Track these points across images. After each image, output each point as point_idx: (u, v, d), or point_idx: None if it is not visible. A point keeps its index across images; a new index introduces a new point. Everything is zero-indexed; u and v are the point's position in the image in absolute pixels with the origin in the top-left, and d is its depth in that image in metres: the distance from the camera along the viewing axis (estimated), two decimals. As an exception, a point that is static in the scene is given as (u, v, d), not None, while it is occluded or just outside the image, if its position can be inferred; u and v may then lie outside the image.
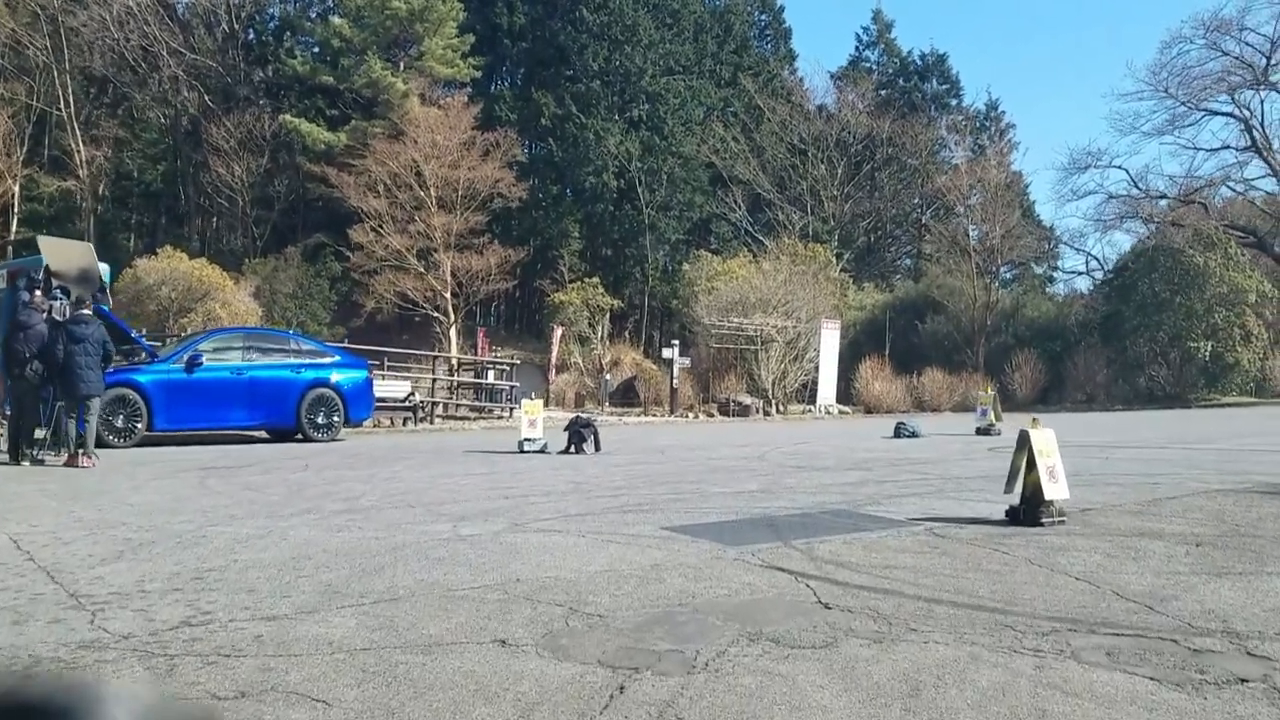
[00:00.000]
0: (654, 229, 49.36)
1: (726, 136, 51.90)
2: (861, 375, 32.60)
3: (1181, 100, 41.16)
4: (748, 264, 35.59)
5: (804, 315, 30.92)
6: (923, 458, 12.43)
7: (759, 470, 10.82)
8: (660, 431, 21.28)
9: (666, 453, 13.44)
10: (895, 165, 56.31)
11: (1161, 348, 34.85)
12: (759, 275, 32.22)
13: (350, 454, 13.01)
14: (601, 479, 9.92)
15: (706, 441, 16.53)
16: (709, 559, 5.65)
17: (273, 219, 52.62)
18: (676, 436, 18.58)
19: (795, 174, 52.07)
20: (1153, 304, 34.43)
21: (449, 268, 44.58)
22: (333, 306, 49.39)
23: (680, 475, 10.27)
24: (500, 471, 10.60)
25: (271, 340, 15.69)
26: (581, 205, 50.01)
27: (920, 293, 41.82)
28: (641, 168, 48.40)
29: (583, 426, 12.84)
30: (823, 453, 13.48)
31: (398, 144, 43.88)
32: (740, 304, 30.59)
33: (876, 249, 60.71)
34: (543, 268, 49.02)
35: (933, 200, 56.67)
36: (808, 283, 32.29)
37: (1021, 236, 42.34)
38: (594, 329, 42.99)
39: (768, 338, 30.12)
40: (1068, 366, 35.93)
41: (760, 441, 16.11)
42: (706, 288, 32.92)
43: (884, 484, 9.45)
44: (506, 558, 5.64)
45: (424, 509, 7.64)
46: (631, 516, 7.28)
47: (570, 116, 49.15)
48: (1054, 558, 5.77)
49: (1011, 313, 39.71)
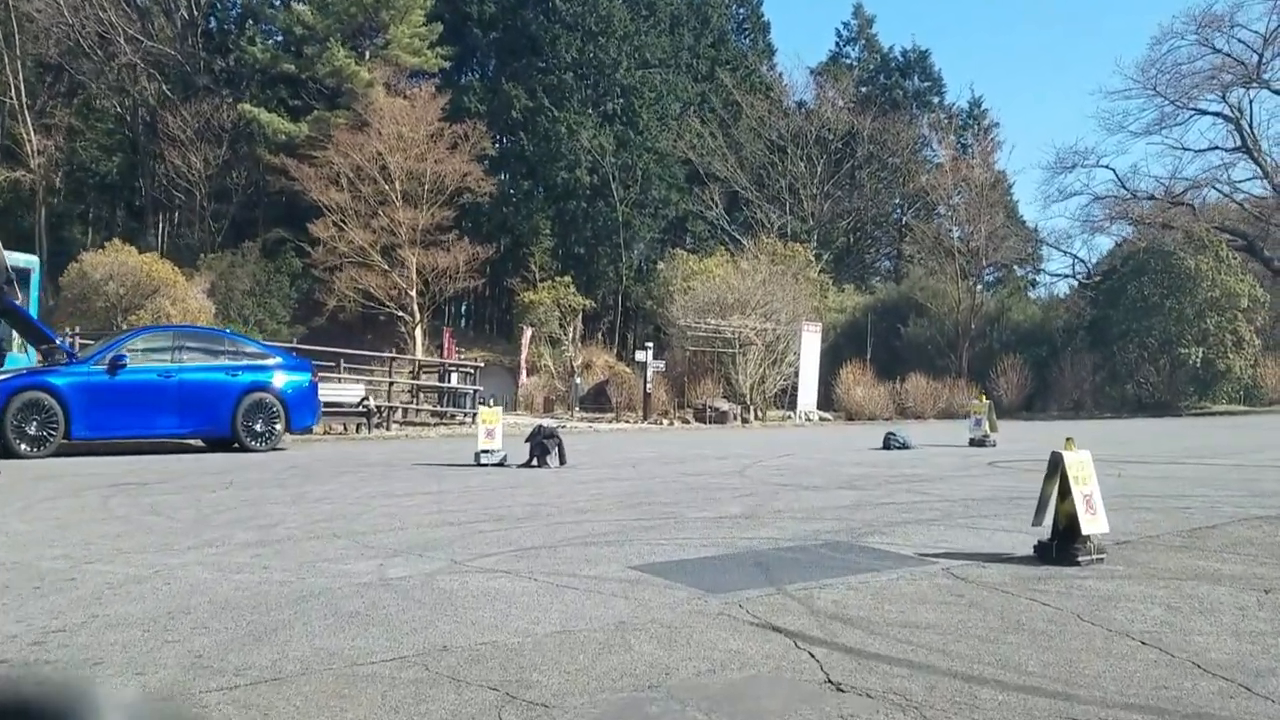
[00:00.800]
0: (628, 227, 48.37)
1: (703, 132, 51.00)
2: (842, 380, 31.76)
3: (1170, 99, 40.72)
4: (725, 263, 34.67)
5: (784, 317, 30.02)
6: (919, 474, 11.50)
7: (741, 489, 9.83)
8: (633, 440, 20.28)
9: (639, 467, 12.43)
10: (876, 164, 55.61)
11: (1151, 354, 34.24)
12: (737, 275, 31.29)
13: (287, 467, 11.90)
14: (564, 499, 8.90)
15: (682, 453, 15.54)
16: (687, 613, 4.65)
17: (231, 213, 51.27)
18: (650, 446, 17.58)
19: (774, 171, 51.24)
20: (1142, 308, 33.82)
21: (414, 265, 43.43)
22: (293, 304, 48.11)
23: (653, 495, 9.26)
24: (450, 490, 9.54)
25: (205, 340, 14.52)
26: (553, 201, 48.92)
27: (902, 295, 41.08)
28: (615, 163, 47.39)
29: (546, 437, 11.81)
30: (809, 467, 12.52)
31: (361, 135, 42.68)
32: (717, 305, 29.65)
33: (856, 250, 60.04)
34: (513, 266, 47.91)
35: (914, 200, 56.06)
36: (787, 283, 31.40)
37: (1006, 238, 41.71)
38: (565, 330, 41.98)
39: (746, 340, 29.22)
40: (1054, 372, 35.29)
41: (740, 453, 15.14)
42: (682, 287, 31.96)
43: (882, 506, 8.49)
44: (436, 613, 4.60)
45: (351, 540, 6.58)
46: (595, 550, 6.27)
47: (542, 109, 48.08)
48: (1107, 611, 4.81)
49: (996, 316, 39.03)
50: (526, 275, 45.95)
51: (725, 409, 27.27)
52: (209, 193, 50.33)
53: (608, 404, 29.47)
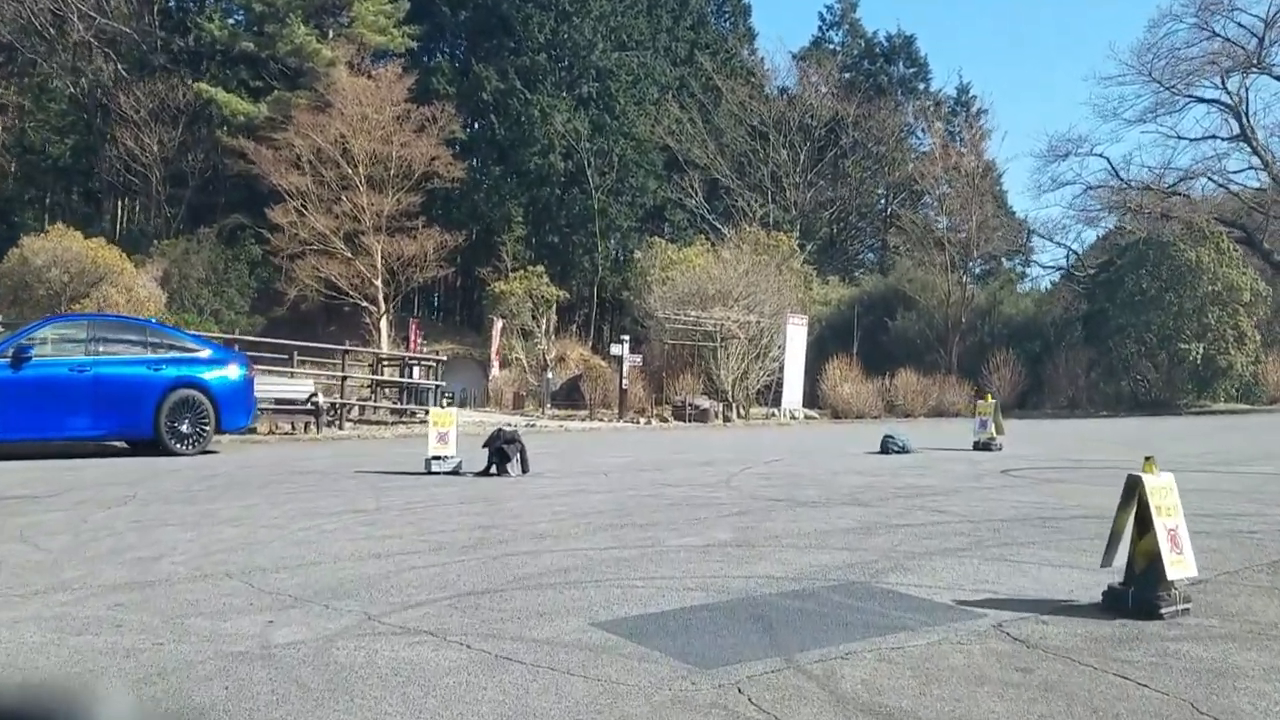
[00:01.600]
0: (604, 215, 47.10)
1: (682, 118, 49.77)
2: (828, 376, 30.64)
3: (1166, 85, 39.84)
4: (706, 253, 33.47)
5: (767, 309, 28.85)
6: (929, 485, 10.34)
7: (728, 505, 8.63)
8: (606, 442, 19.06)
9: (611, 475, 11.21)
10: (861, 152, 54.59)
11: (1149, 349, 33.34)
12: (718, 265, 30.10)
13: (207, 476, 10.59)
14: (522, 519, 7.66)
15: (660, 457, 14.33)
16: (668, 704, 3.44)
17: (187, 197, 49.69)
18: (625, 449, 16.36)
19: (755, 159, 50.14)
20: (1140, 302, 32.90)
21: (379, 253, 42.06)
22: (252, 294, 46.63)
23: (627, 513, 8.04)
24: (389, 507, 8.28)
25: (126, 330, 13.12)
26: (526, 188, 47.55)
27: (889, 287, 40.02)
28: (591, 149, 46.09)
29: (506, 442, 10.56)
30: (803, 476, 11.34)
31: (323, 116, 41.24)
32: (698, 296, 28.44)
33: (840, 241, 59.05)
34: (484, 255, 46.52)
35: (900, 189, 55.10)
36: (771, 274, 30.23)
37: (998, 229, 40.76)
38: (538, 322, 40.69)
39: (728, 334, 28.04)
40: (1047, 368, 34.35)
41: (724, 458, 13.95)
42: (660, 278, 30.72)
43: (896, 529, 7.31)
44: (322, 708, 3.36)
45: (244, 581, 5.31)
46: (552, 596, 5.04)
47: (514, 92, 46.69)
48: (1227, 697, 3.64)
49: (987, 310, 38.03)
50: (498, 265, 44.61)
51: (706, 406, 26.08)
52: (165, 177, 48.80)
53: (581, 401, 28.22)
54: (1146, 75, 39.90)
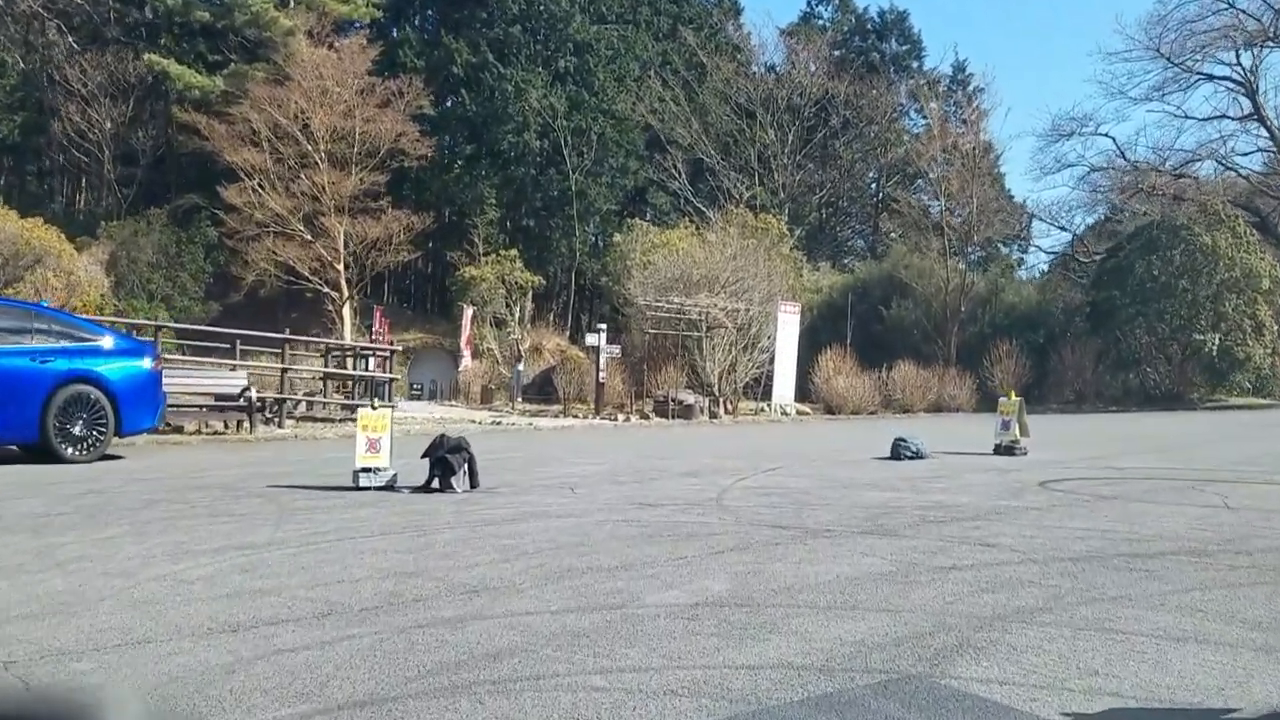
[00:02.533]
0: (582, 197, 45.36)
1: (665, 95, 48.10)
2: (821, 369, 29.10)
3: (1175, 60, 38.48)
4: (690, 236, 31.82)
5: (757, 297, 27.26)
6: (960, 505, 8.74)
7: (722, 535, 6.99)
8: (579, 443, 17.41)
9: (580, 490, 9.56)
10: (852, 133, 53.07)
11: (1161, 340, 31.94)
12: (703, 248, 28.49)
13: (83, 493, 8.87)
14: (453, 561, 6.00)
15: (638, 463, 12.70)
16: None
17: (139, 176, 47.71)
18: (599, 453, 14.73)
19: (741, 139, 48.51)
20: (1152, 289, 31.48)
21: (342, 235, 40.25)
22: (207, 279, 44.75)
23: (592, 548, 6.40)
24: (287, 540, 6.60)
25: (8, 315, 11.35)
26: (499, 168, 45.77)
27: (884, 273, 38.47)
28: (568, 126, 44.31)
29: (450, 451, 8.89)
30: (808, 490, 9.73)
31: (281, 90, 39.33)
32: (681, 281, 26.81)
33: (829, 226, 57.53)
34: (454, 239, 44.75)
35: (894, 172, 53.63)
36: (760, 258, 28.63)
37: (999, 211, 39.30)
38: (511, 310, 39.01)
39: (714, 322, 26.44)
40: (1052, 360, 32.91)
41: (713, 464, 12.34)
42: (641, 262, 29.06)
43: (943, 576, 5.68)
44: None
45: (15, 678, 3.64)
46: (464, 714, 3.39)
47: (486, 65, 44.84)
48: None
49: (987, 298, 36.54)
50: (469, 249, 42.86)
51: (691, 402, 24.47)
52: (116, 155, 46.92)
53: (555, 395, 26.57)
54: (1154, 50, 38.57)
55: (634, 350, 32.43)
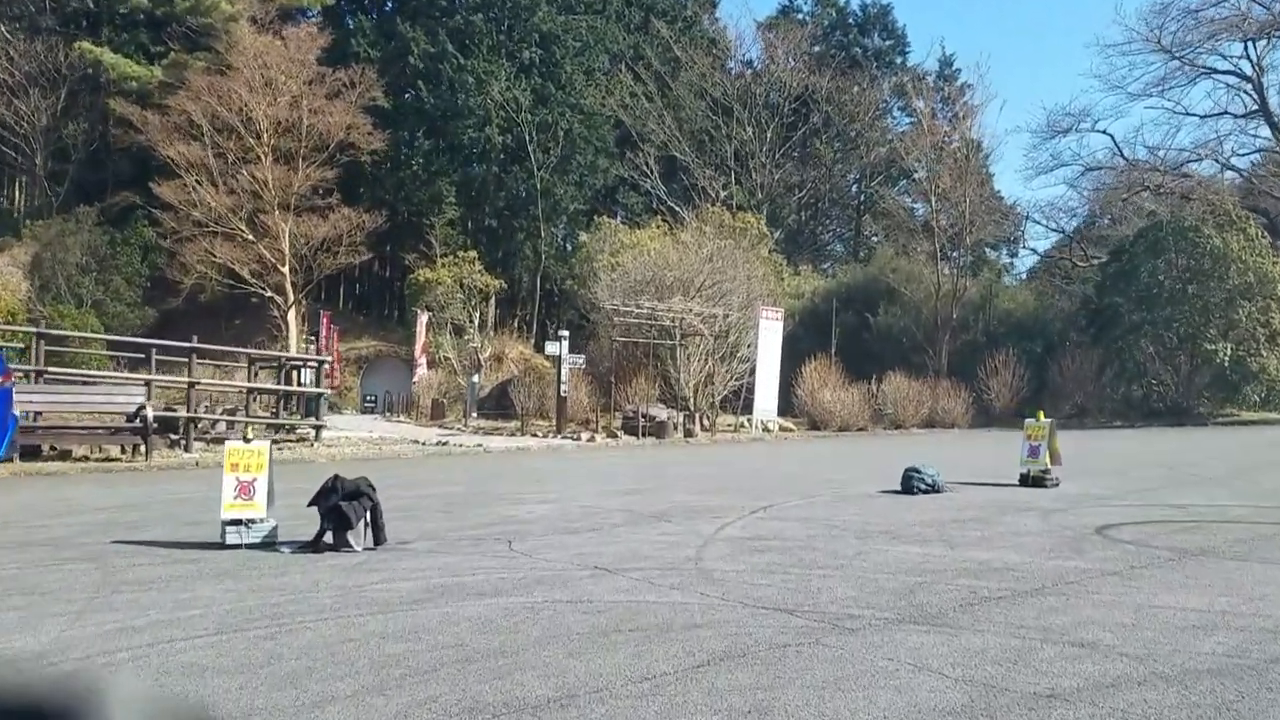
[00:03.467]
0: (548, 196, 43.37)
1: (637, 90, 46.28)
2: (805, 380, 27.26)
3: (1177, 54, 37.07)
4: (662, 235, 29.93)
5: (735, 301, 25.41)
6: (1010, 566, 6.85)
7: (704, 630, 5.03)
8: (532, 469, 15.42)
9: (519, 545, 7.57)
10: (833, 130, 51.40)
11: (1168, 349, 30.36)
12: (677, 248, 26.61)
13: None
14: (296, 692, 4.00)
15: (599, 500, 10.74)
16: None
17: (71, 173, 45.33)
18: (553, 485, 12.77)
19: (718, 136, 46.74)
20: (1159, 295, 29.90)
21: (287, 234, 38.10)
22: (144, 283, 42.44)
23: (516, 660, 4.42)
24: (69, 644, 4.58)
25: None
26: (459, 165, 43.75)
27: (870, 278, 36.72)
28: (533, 121, 42.34)
29: (347, 498, 6.90)
30: (811, 543, 7.80)
31: (223, 79, 37.18)
32: (653, 284, 24.91)
33: (809, 229, 55.85)
34: (410, 240, 42.65)
35: (877, 172, 52.06)
36: (739, 260, 26.78)
37: (993, 212, 37.72)
38: (470, 315, 36.95)
39: (689, 329, 24.54)
40: (1051, 371, 31.26)
41: (689, 503, 10.41)
42: (609, 263, 27.11)
43: (1043, 709, 3.75)
44: None
45: None
46: None
47: (446, 56, 42.79)
48: None
49: (981, 305, 34.87)
50: (426, 251, 40.80)
51: (664, 418, 22.53)
52: (47, 150, 44.53)
53: (513, 409, 24.55)
54: (1155, 43, 37.14)
55: (602, 360, 30.52)
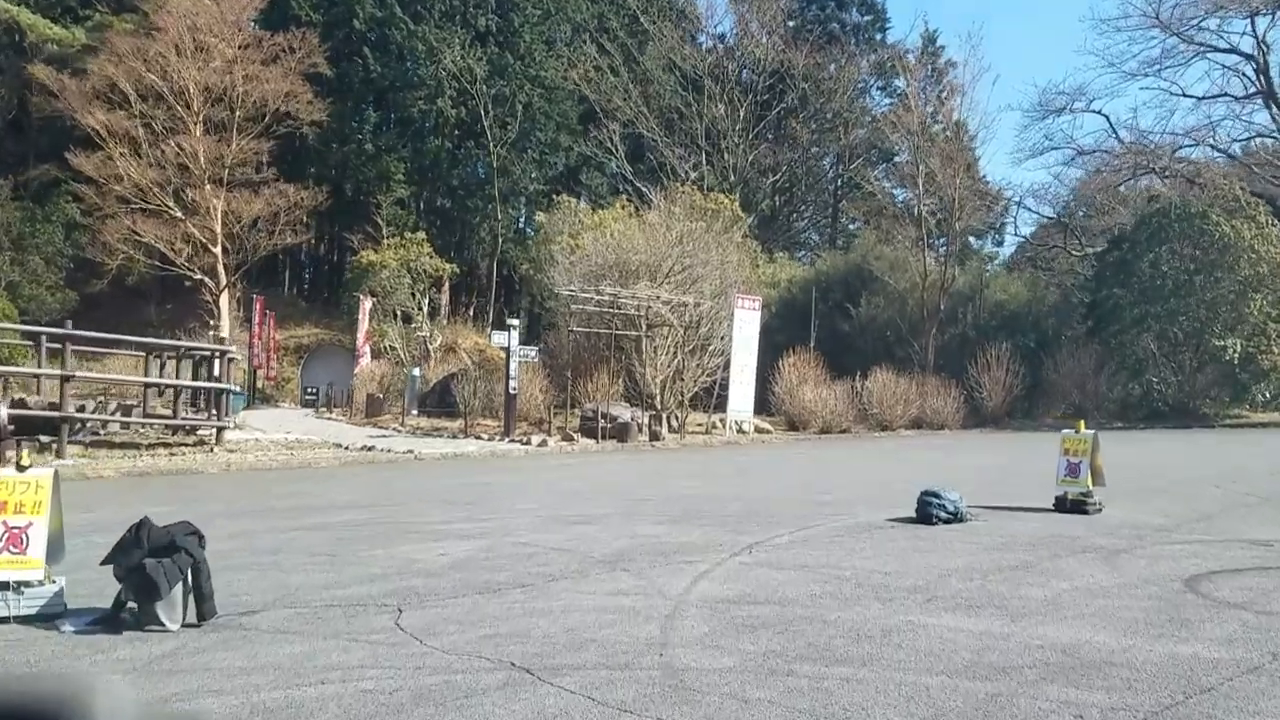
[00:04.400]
0: (505, 174, 41.25)
1: (602, 63, 44.19)
2: (784, 376, 25.37)
3: (1175, 29, 35.51)
4: (628, 216, 27.89)
5: (708, 289, 23.45)
6: (1100, 652, 4.93)
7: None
8: (465, 485, 13.38)
9: (409, 615, 5.53)
10: (810, 109, 49.55)
11: (1173, 345, 28.79)
12: (643, 230, 24.59)
13: None
14: None
15: (538, 533, 8.73)
16: None
17: (-15, 144, 42.75)
18: (484, 507, 10.75)
19: (688, 113, 44.77)
20: (1163, 287, 28.29)
21: (219, 212, 35.76)
22: (66, 263, 39.98)
23: None
24: None
25: None
26: (409, 139, 41.54)
27: (852, 266, 34.87)
28: (489, 93, 40.16)
29: (157, 552, 4.85)
30: (818, 609, 5.83)
31: (148, 41, 34.77)
32: (616, 269, 22.88)
33: (783, 215, 54.01)
34: (355, 219, 40.39)
35: (855, 155, 50.34)
36: (712, 244, 24.81)
37: (984, 195, 36.03)
38: (419, 302, 34.79)
39: (656, 319, 22.55)
40: (1047, 368, 29.60)
41: (652, 538, 8.43)
42: (569, 245, 25.05)
43: None
44: None
45: None
46: None
47: (394, 21, 40.48)
48: None
49: (970, 295, 33.14)
50: (371, 231, 38.57)
51: (627, 419, 20.52)
52: (-42, 119, 42.00)
53: (459, 407, 22.44)
54: (1153, 18, 35.52)
55: (561, 352, 28.53)
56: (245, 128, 35.71)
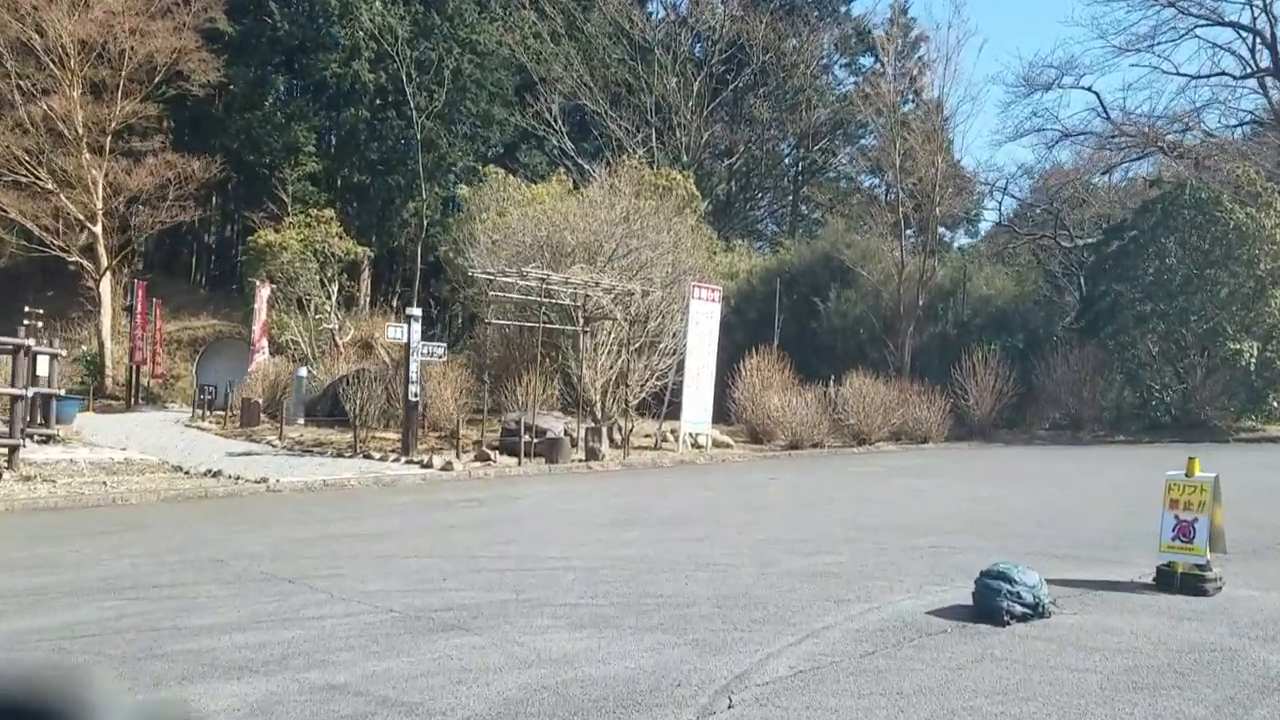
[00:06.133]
0: (431, 148, 37.90)
1: (542, 28, 40.98)
2: (745, 380, 22.42)
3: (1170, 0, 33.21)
4: (566, 193, 24.75)
5: (658, 276, 20.40)
6: None
7: None
8: (314, 541, 10.20)
9: None
10: (770, 85, 46.66)
11: (1180, 347, 26.31)
12: (581, 206, 21.48)
13: None
14: None
15: (362, 670, 5.60)
16: None
17: None
18: (323, 586, 7.63)
19: (637, 86, 41.73)
20: (1170, 282, 25.79)
21: (100, 184, 32.17)
22: (-70, 246, 36.06)
23: None
24: None
25: None
26: (321, 107, 38.03)
27: (819, 255, 32.00)
28: (412, 56, 36.73)
29: None
30: None
31: (12, -15, 31.06)
32: (549, 249, 19.74)
33: (739, 202, 51.10)
34: (259, 195, 36.80)
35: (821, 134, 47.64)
36: (663, 224, 21.76)
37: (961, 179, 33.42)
38: (327, 289, 31.35)
39: (596, 311, 19.45)
40: (1038, 372, 26.99)
41: (566, 650, 5.39)
42: (493, 223, 21.83)
43: None
44: None
45: None
46: None
47: (305, -29, 37.00)
48: None
49: (952, 290, 30.44)
50: (276, 209, 35.05)
51: (559, 431, 17.39)
52: None
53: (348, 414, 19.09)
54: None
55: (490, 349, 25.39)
56: (130, 90, 32.16)
